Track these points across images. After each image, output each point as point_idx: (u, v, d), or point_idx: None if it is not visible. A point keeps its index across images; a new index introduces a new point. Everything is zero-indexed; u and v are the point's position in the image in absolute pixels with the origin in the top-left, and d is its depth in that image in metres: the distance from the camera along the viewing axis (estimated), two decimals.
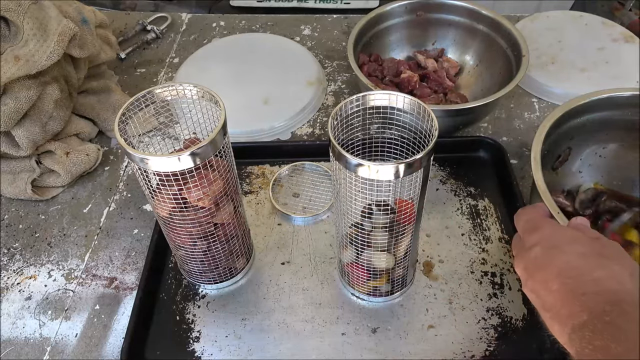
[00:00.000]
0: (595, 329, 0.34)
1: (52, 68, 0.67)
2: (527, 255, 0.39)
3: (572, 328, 0.36)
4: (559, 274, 0.37)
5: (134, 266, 0.64)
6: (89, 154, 0.74)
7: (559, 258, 0.37)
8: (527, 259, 0.39)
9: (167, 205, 0.49)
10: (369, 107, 0.47)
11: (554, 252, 0.37)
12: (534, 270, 0.38)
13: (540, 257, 0.38)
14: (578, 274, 0.36)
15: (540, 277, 0.38)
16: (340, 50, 0.95)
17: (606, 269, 0.37)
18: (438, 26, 0.84)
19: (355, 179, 0.44)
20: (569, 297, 0.36)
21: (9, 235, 0.68)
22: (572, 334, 0.36)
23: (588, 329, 0.35)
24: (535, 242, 0.39)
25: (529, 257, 0.39)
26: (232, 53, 0.91)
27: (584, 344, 0.35)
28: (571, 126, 0.62)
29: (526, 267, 0.39)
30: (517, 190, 0.66)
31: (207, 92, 0.48)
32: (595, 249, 0.38)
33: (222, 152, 0.47)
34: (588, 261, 0.37)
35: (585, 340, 0.35)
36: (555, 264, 0.37)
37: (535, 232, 0.40)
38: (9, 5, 0.65)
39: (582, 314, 0.35)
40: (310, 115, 0.82)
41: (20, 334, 0.59)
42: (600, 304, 0.35)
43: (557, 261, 0.37)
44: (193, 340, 0.57)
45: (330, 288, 0.61)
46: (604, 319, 0.34)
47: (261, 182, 0.72)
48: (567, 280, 0.36)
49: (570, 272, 0.37)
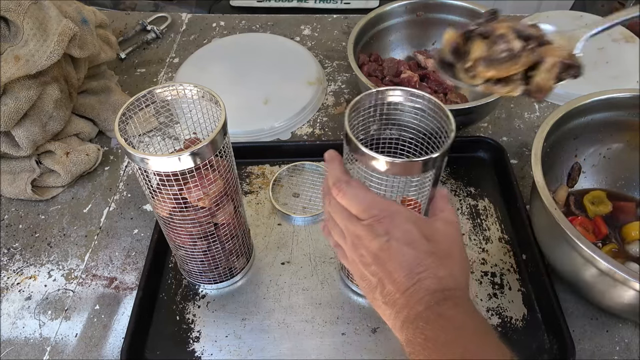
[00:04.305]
0: (428, 320, 0.38)
1: (52, 68, 0.67)
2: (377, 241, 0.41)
3: (407, 317, 0.40)
4: (409, 269, 0.40)
5: (134, 266, 0.64)
6: (89, 154, 0.74)
7: (411, 254, 0.40)
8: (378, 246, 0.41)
9: (167, 205, 0.49)
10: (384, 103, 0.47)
11: (406, 249, 0.41)
12: (385, 259, 0.41)
13: (394, 249, 0.41)
14: (424, 271, 0.40)
15: (389, 267, 0.41)
16: (340, 50, 0.95)
17: (448, 269, 0.41)
18: (438, 26, 0.84)
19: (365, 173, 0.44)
20: (412, 290, 0.40)
21: (9, 235, 0.68)
22: (405, 322, 0.40)
23: (422, 319, 0.39)
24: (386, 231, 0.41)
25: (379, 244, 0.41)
26: (232, 53, 0.91)
27: (417, 333, 0.38)
28: (574, 126, 0.62)
29: (377, 254, 0.41)
30: (517, 190, 0.66)
31: (207, 92, 0.48)
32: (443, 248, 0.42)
33: (222, 152, 0.47)
34: (435, 260, 0.41)
35: (419, 330, 0.38)
36: (406, 259, 0.40)
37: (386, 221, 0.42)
38: (9, 5, 0.65)
39: (418, 306, 0.39)
40: (310, 115, 0.82)
41: (20, 334, 0.59)
42: (437, 298, 0.39)
43: (408, 257, 0.40)
44: (193, 340, 0.57)
45: (330, 288, 0.61)
46: (437, 311, 0.39)
47: (261, 182, 0.72)
48: (415, 276, 0.40)
49: (419, 268, 0.40)
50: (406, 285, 0.40)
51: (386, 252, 0.41)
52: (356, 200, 0.43)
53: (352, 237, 0.44)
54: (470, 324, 0.39)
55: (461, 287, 0.41)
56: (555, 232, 0.52)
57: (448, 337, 0.38)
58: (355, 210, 0.43)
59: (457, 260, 0.42)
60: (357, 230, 0.43)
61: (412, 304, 0.40)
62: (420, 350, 0.38)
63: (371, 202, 0.43)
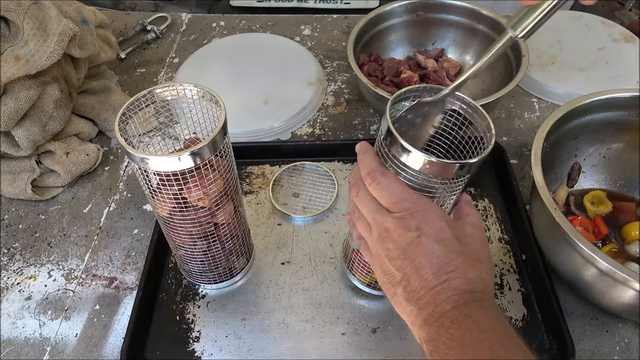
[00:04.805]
0: (455, 319, 0.38)
1: (52, 68, 0.67)
2: (408, 235, 0.41)
3: (431, 315, 0.39)
4: (439, 267, 0.40)
5: (134, 266, 0.64)
6: (89, 154, 0.74)
7: (442, 252, 0.40)
8: (408, 240, 0.41)
9: (167, 205, 0.49)
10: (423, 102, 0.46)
11: (437, 246, 0.40)
12: (414, 254, 0.40)
13: (424, 245, 0.40)
14: (454, 270, 0.40)
15: (417, 262, 0.40)
16: (340, 50, 0.95)
17: (477, 271, 0.40)
18: (438, 26, 0.84)
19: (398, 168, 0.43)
20: (439, 288, 0.39)
21: (9, 235, 0.68)
22: (429, 319, 0.39)
23: (448, 318, 0.38)
24: (418, 226, 0.41)
25: (410, 239, 0.41)
26: (232, 53, 0.91)
27: (441, 331, 0.38)
28: (574, 126, 0.62)
29: (406, 248, 0.41)
30: (517, 190, 0.66)
31: (207, 92, 0.48)
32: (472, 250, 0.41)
33: (222, 152, 0.47)
34: (465, 261, 0.40)
35: (444, 329, 0.38)
36: (437, 257, 0.40)
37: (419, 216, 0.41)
38: (9, 5, 0.65)
39: (445, 304, 0.39)
40: (310, 115, 0.82)
41: (20, 334, 0.59)
42: (465, 299, 0.39)
43: (439, 254, 0.40)
44: (193, 340, 0.57)
45: (330, 288, 0.61)
46: (464, 312, 0.38)
47: (261, 182, 0.72)
48: (444, 274, 0.39)
49: (448, 267, 0.40)
50: (434, 283, 0.39)
51: (416, 248, 0.40)
52: (389, 191, 0.42)
53: (379, 229, 0.43)
54: (497, 327, 0.38)
55: (489, 291, 0.41)
56: (555, 232, 0.52)
57: (474, 338, 0.37)
58: (387, 202, 0.42)
59: (486, 263, 0.42)
60: (387, 222, 0.42)
61: (438, 302, 0.39)
62: (444, 349, 0.37)
63: (405, 195, 0.42)
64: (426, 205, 0.42)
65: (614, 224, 0.63)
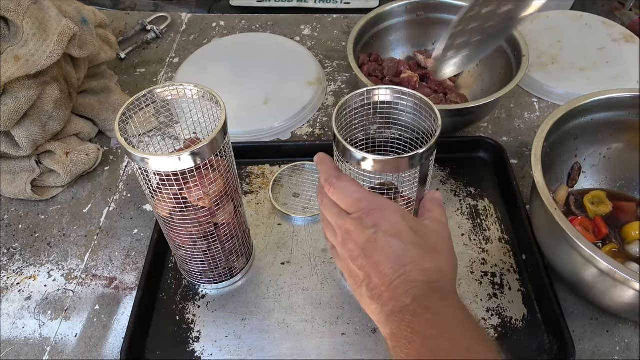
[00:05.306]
0: (415, 313, 0.38)
1: (52, 68, 0.67)
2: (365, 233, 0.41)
3: (393, 310, 0.39)
4: (396, 260, 0.40)
5: (134, 266, 0.64)
6: (88, 154, 0.74)
7: (398, 246, 0.40)
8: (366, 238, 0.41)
9: (168, 205, 0.49)
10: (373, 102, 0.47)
11: (393, 241, 0.40)
12: (372, 251, 0.41)
13: (381, 241, 0.40)
14: (410, 262, 0.40)
15: (375, 259, 0.40)
16: (340, 50, 0.95)
17: (434, 261, 0.41)
18: (438, 26, 0.84)
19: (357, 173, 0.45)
20: (398, 282, 0.39)
21: (9, 235, 0.68)
22: (391, 315, 0.39)
23: (409, 311, 0.38)
24: (374, 224, 0.41)
25: (367, 236, 0.41)
26: (232, 53, 0.91)
27: (402, 326, 0.38)
28: (574, 126, 0.62)
29: (364, 246, 0.41)
30: (517, 190, 0.66)
31: (207, 91, 0.48)
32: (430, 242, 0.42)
33: (222, 152, 0.47)
34: (422, 252, 0.40)
35: (405, 323, 0.38)
36: (393, 251, 0.40)
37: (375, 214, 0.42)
38: (9, 5, 0.65)
39: (404, 298, 0.39)
40: (310, 115, 0.82)
41: (20, 334, 0.59)
42: (424, 291, 0.39)
43: (395, 248, 0.40)
44: (193, 340, 0.57)
45: (330, 288, 0.61)
46: (424, 304, 0.38)
47: (261, 182, 0.72)
48: (401, 267, 0.40)
49: (404, 260, 0.40)
50: (392, 278, 0.40)
51: (373, 244, 0.41)
52: (345, 193, 0.43)
53: (342, 232, 0.44)
54: (457, 317, 0.39)
55: (448, 281, 0.41)
56: (555, 232, 0.52)
57: (435, 330, 0.37)
58: (345, 204, 0.43)
59: (444, 254, 0.42)
60: (347, 224, 0.43)
61: (397, 296, 0.39)
62: (406, 344, 0.37)
63: (360, 195, 0.43)
64: (382, 202, 0.42)
65: (614, 224, 0.63)
